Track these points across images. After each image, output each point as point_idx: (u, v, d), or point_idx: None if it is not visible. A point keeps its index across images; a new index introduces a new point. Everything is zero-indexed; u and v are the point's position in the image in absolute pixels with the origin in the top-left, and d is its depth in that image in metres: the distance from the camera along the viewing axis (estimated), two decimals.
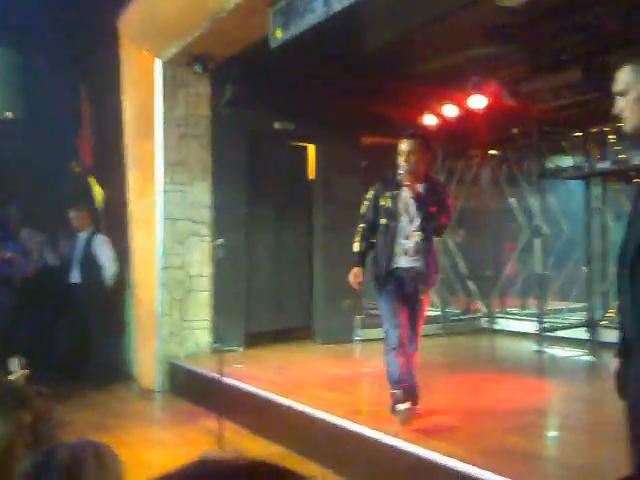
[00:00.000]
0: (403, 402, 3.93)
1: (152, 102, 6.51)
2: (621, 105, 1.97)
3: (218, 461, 0.46)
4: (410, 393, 3.98)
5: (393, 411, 3.97)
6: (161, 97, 6.47)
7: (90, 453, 1.22)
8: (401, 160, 3.96)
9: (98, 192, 7.25)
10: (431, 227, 3.97)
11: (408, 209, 3.98)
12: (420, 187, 3.96)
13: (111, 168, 7.14)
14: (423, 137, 4.14)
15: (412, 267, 3.97)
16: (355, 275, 4.10)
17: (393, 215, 3.97)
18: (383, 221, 4.02)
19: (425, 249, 3.99)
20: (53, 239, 7.06)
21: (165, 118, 6.46)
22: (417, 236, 3.96)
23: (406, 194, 3.96)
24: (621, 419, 1.98)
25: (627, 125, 1.99)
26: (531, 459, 3.60)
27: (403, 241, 3.98)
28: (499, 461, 3.29)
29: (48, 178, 7.17)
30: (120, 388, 6.25)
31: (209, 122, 6.67)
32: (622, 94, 1.96)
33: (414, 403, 4.00)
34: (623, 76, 1.96)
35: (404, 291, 3.99)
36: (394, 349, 3.95)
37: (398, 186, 3.96)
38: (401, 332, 3.95)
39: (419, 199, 3.90)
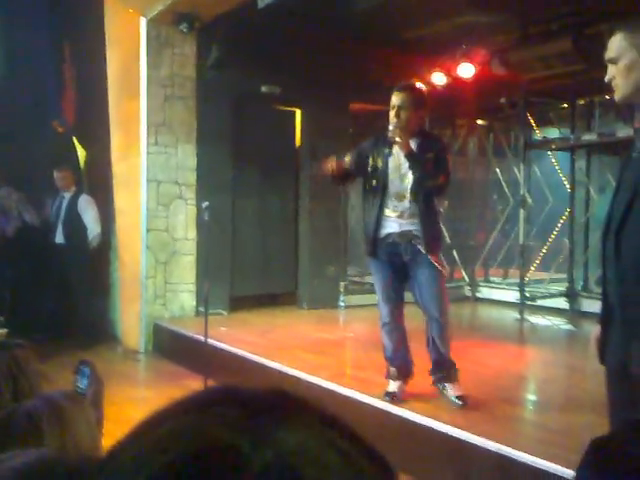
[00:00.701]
0: (395, 379, 3.75)
1: (137, 62, 6.39)
2: (612, 72, 1.94)
3: (241, 389, 0.45)
4: (403, 372, 3.78)
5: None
6: (145, 56, 6.35)
7: (48, 411, 1.18)
8: (391, 115, 3.58)
9: (81, 152, 7.14)
10: (428, 187, 3.53)
11: (400, 168, 3.59)
12: (412, 143, 3.56)
13: (94, 128, 7.03)
14: (416, 90, 3.78)
15: (408, 230, 3.55)
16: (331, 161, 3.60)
17: (383, 174, 3.58)
18: (372, 182, 3.64)
19: (422, 211, 3.54)
20: (35, 198, 6.96)
21: (149, 78, 6.34)
22: (411, 196, 3.55)
23: (397, 152, 3.58)
24: (599, 384, 2.02)
25: (617, 93, 1.97)
26: (512, 422, 3.67)
27: (396, 203, 3.58)
28: (480, 423, 3.35)
29: (31, 137, 7.03)
30: (104, 349, 6.25)
31: (194, 83, 6.57)
32: (614, 61, 1.93)
33: (406, 380, 3.78)
34: (615, 43, 1.92)
35: (401, 260, 3.60)
36: (385, 324, 3.74)
37: (390, 144, 3.58)
38: (392, 306, 3.71)
39: (411, 156, 3.50)
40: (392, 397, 3.70)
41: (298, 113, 7.46)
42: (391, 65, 7.06)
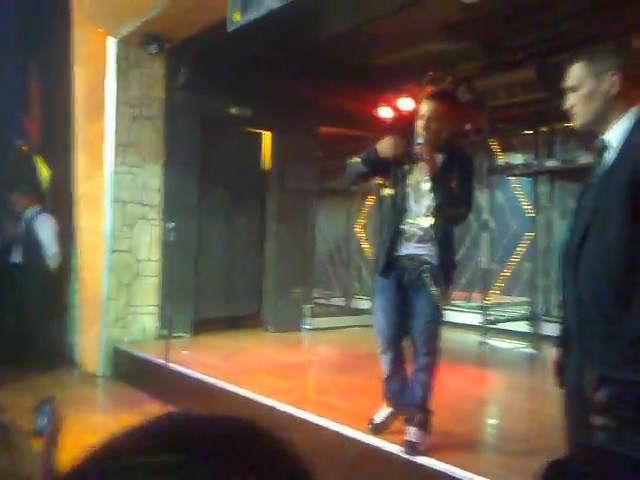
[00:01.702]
0: (387, 406, 3.52)
1: (104, 81, 6.35)
2: (572, 101, 2.00)
3: (189, 415, 0.41)
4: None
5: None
6: (114, 77, 6.32)
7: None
8: (420, 126, 3.20)
9: (44, 172, 7.04)
10: (449, 215, 3.19)
11: (419, 186, 3.22)
12: (439, 159, 3.20)
13: (59, 148, 6.94)
14: (449, 98, 3.46)
15: (418, 255, 3.23)
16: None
17: (402, 190, 3.23)
18: (389, 191, 3.28)
19: (439, 237, 3.20)
20: None
21: (117, 98, 6.31)
22: (427, 220, 3.19)
23: (419, 169, 3.22)
24: (559, 408, 2.04)
25: (577, 121, 2.02)
26: (472, 446, 3.68)
27: (410, 224, 3.24)
28: (440, 447, 3.35)
29: None
30: (62, 372, 6.11)
31: (163, 104, 6.55)
32: (573, 89, 1.99)
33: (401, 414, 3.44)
34: (575, 72, 1.98)
35: (406, 285, 3.29)
36: (382, 352, 3.44)
37: (413, 159, 3.21)
38: (392, 331, 3.38)
39: (436, 179, 3.12)
40: (374, 427, 3.48)
41: (267, 136, 7.48)
42: (359, 90, 7.16)
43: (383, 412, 3.57)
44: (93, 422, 4.58)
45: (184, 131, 6.58)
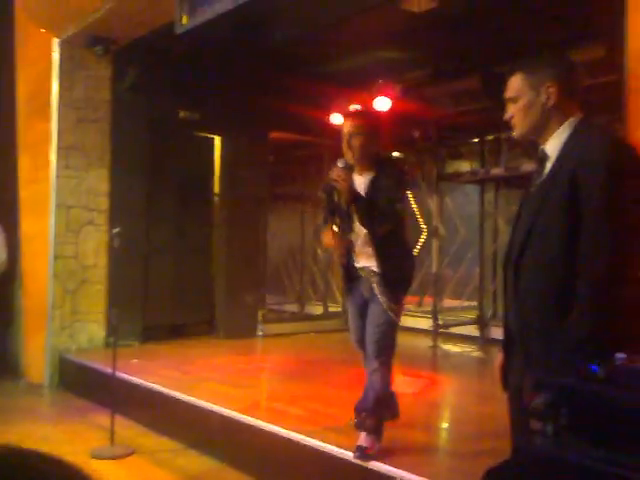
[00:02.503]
0: (359, 429, 3.33)
1: (48, 82, 6.18)
2: (511, 111, 2.02)
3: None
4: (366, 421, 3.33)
5: None
6: (58, 78, 6.15)
7: None
8: (344, 147, 3.25)
9: None
10: (374, 230, 3.20)
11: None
12: (367, 176, 3.27)
13: (1, 150, 6.71)
14: (367, 112, 3.42)
15: (367, 267, 3.29)
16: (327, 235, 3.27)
17: (347, 209, 3.23)
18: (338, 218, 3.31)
19: (378, 250, 3.23)
20: None
21: (62, 99, 6.14)
22: (365, 235, 3.25)
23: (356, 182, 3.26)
24: (506, 412, 2.08)
25: (516, 131, 2.05)
26: (423, 450, 3.71)
27: (355, 238, 3.31)
28: (392, 452, 3.37)
29: None
30: (6, 382, 5.90)
31: (109, 107, 6.41)
32: (513, 100, 2.01)
33: (369, 432, 3.31)
34: (515, 83, 2.01)
35: (365, 294, 3.33)
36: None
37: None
38: (356, 337, 3.44)
39: (354, 204, 3.15)
40: (361, 452, 3.25)
41: (217, 140, 7.42)
42: (309, 96, 7.18)
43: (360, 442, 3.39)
44: (38, 432, 4.43)
45: (131, 134, 6.45)
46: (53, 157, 6.11)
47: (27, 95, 6.46)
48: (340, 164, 3.18)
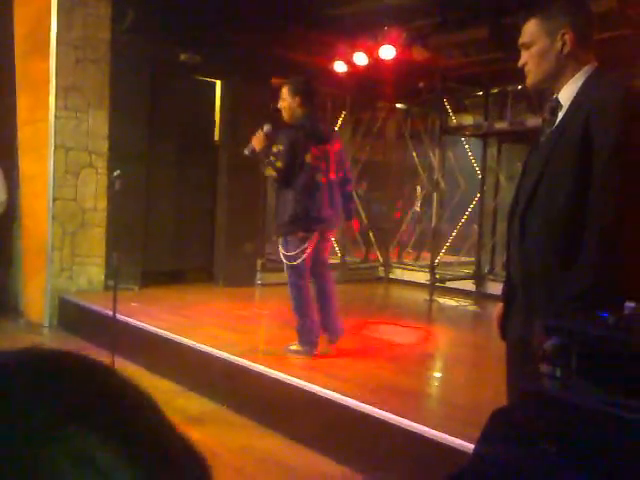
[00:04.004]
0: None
1: (47, 21, 6.01)
2: (525, 58, 1.98)
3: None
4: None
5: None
6: (56, 16, 5.98)
7: None
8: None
9: None
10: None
11: None
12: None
13: None
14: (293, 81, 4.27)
15: None
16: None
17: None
18: None
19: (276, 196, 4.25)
20: None
21: (60, 38, 5.99)
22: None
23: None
24: (501, 363, 2.10)
25: (529, 79, 2.01)
26: (417, 397, 3.78)
27: None
28: (387, 398, 3.43)
29: None
30: (7, 322, 5.94)
31: (109, 47, 6.26)
32: (527, 46, 1.97)
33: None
34: (529, 28, 1.96)
35: None
36: None
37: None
38: None
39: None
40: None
41: (218, 84, 7.29)
42: (313, 43, 7.03)
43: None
44: None
45: (131, 76, 6.32)
46: (52, 97, 6.00)
47: (25, 33, 6.29)
48: (265, 129, 4.15)
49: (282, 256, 4.12)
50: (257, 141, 4.10)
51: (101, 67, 6.23)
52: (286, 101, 4.14)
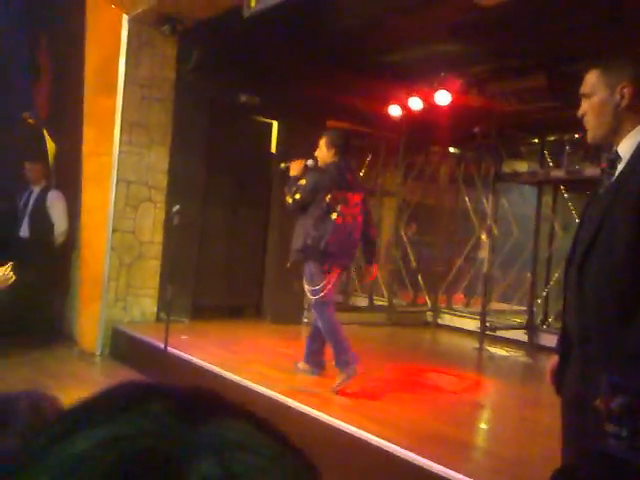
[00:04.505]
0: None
1: (116, 59, 6.31)
2: (585, 108, 1.99)
3: (164, 385, 0.42)
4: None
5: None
6: (125, 54, 6.27)
7: (26, 403, 1.16)
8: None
9: (51, 146, 6.99)
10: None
11: None
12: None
13: (67, 122, 6.89)
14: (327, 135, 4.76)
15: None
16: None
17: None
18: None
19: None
20: (1, 190, 6.78)
21: (128, 77, 6.26)
22: None
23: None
24: (552, 417, 2.04)
25: (589, 133, 2.00)
26: (465, 449, 3.69)
27: None
28: (434, 448, 3.35)
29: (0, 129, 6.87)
30: (60, 349, 6.08)
31: (173, 86, 6.50)
32: (587, 96, 1.98)
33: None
34: (590, 79, 1.98)
35: None
36: None
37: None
38: None
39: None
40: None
41: (275, 125, 7.45)
42: (368, 87, 7.15)
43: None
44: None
45: (193, 115, 6.54)
46: (117, 132, 6.25)
47: (95, 71, 6.61)
48: (308, 162, 4.67)
49: (307, 291, 4.55)
50: (296, 167, 4.66)
51: (165, 105, 6.47)
52: (322, 151, 4.60)
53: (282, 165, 4.92)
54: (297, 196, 4.49)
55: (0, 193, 6.54)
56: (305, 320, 7.28)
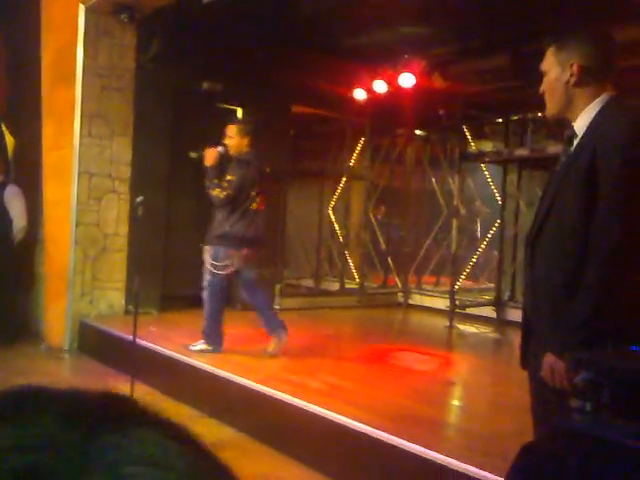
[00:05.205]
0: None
1: (73, 49, 6.16)
2: (543, 85, 2.01)
3: (54, 390, 0.37)
4: None
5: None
6: (83, 44, 6.12)
7: None
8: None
9: (9, 140, 6.81)
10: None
11: None
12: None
13: (25, 116, 6.73)
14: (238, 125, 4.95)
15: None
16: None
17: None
18: None
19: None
20: None
21: (86, 67, 6.12)
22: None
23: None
24: (523, 392, 2.07)
25: (547, 109, 2.03)
26: (438, 427, 3.74)
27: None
28: (407, 428, 3.39)
29: None
30: (27, 346, 5.97)
31: (133, 75, 6.38)
32: (545, 74, 2.00)
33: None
34: (547, 56, 2.00)
35: None
36: None
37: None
38: None
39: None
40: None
41: (239, 112, 7.38)
42: (332, 71, 7.11)
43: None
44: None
45: (154, 104, 6.43)
46: (77, 124, 6.12)
47: (52, 61, 6.45)
48: (219, 149, 4.82)
49: (208, 264, 4.88)
50: (210, 157, 4.78)
51: (125, 95, 6.35)
52: (235, 139, 4.80)
53: (193, 154, 5.03)
54: (229, 192, 4.67)
55: None
56: (277, 307, 7.27)
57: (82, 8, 6.16)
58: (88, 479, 0.31)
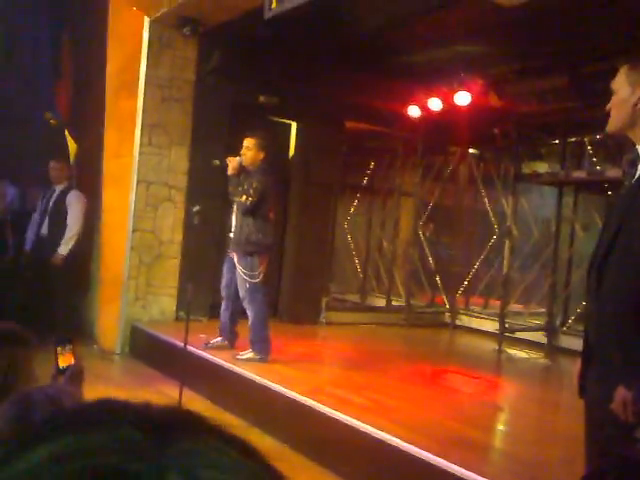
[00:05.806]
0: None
1: (137, 60, 6.37)
2: (611, 103, 2.01)
3: (130, 403, 0.42)
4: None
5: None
6: (146, 56, 6.33)
7: (44, 396, 1.19)
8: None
9: (72, 146, 7.07)
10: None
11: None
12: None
13: (88, 123, 6.97)
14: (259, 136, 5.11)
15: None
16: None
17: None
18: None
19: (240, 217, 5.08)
20: (21, 189, 6.87)
21: (148, 78, 6.32)
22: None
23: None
24: (571, 420, 2.02)
25: (608, 125, 2.03)
26: (484, 451, 3.67)
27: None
28: (452, 450, 3.34)
29: (21, 127, 6.96)
30: (81, 347, 6.14)
31: (193, 87, 6.55)
32: (614, 93, 2.01)
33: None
34: (618, 75, 2.00)
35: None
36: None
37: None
38: (224, 293, 5.35)
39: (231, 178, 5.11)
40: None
41: (293, 126, 7.47)
42: (388, 88, 7.14)
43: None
44: (107, 396, 4.60)
45: (212, 115, 6.57)
46: (137, 134, 6.31)
47: (116, 72, 6.68)
48: (239, 158, 4.96)
49: (244, 275, 4.89)
50: (233, 166, 4.94)
51: (185, 106, 6.52)
52: (252, 151, 4.96)
53: (216, 162, 5.19)
54: (254, 198, 4.82)
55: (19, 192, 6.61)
56: (322, 320, 7.29)
57: (147, 20, 6.36)
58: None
